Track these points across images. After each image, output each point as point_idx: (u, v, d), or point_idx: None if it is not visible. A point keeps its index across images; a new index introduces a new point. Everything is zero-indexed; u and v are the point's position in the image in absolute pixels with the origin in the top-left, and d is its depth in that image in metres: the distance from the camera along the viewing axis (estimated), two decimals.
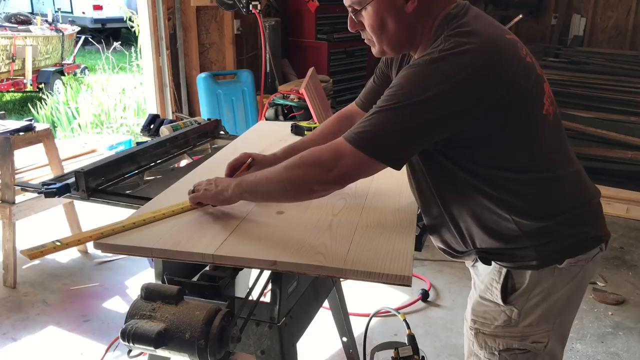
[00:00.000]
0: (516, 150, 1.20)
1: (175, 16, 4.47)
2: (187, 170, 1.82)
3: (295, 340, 1.38)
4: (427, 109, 1.10)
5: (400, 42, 1.25)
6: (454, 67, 1.09)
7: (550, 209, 1.24)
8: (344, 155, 1.15)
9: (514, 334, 1.32)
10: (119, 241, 1.25)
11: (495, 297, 1.32)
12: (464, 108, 1.11)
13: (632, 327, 2.73)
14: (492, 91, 1.11)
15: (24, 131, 2.92)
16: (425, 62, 1.11)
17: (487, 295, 1.35)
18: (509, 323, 1.32)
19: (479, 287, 1.39)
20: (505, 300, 1.30)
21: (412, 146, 1.16)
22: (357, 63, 5.40)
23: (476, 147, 1.18)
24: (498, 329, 1.33)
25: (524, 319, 1.31)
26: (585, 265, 1.30)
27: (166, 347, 1.08)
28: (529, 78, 1.18)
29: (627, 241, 3.66)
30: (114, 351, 2.51)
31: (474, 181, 1.22)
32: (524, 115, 1.18)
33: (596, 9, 6.08)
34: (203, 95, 4.40)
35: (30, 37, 8.00)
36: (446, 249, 1.43)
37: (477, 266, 1.39)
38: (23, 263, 3.23)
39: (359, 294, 2.85)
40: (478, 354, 1.37)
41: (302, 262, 1.15)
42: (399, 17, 1.20)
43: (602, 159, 4.37)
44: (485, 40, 1.12)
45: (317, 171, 1.18)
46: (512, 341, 1.32)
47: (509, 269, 1.29)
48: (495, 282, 1.31)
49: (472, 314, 1.38)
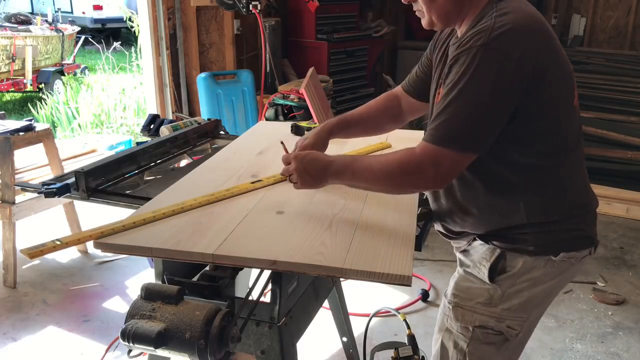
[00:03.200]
0: (548, 134, 1.22)
1: (175, 16, 4.47)
2: (187, 170, 1.82)
3: (295, 340, 1.38)
4: (499, 89, 1.12)
5: (449, 14, 1.25)
6: (511, 44, 1.11)
7: (561, 205, 1.28)
8: (441, 159, 1.16)
9: (492, 314, 1.34)
10: (119, 241, 1.25)
11: (482, 275, 1.34)
12: (525, 83, 1.13)
13: (632, 327, 2.73)
14: (545, 66, 1.15)
15: (24, 131, 2.92)
16: (482, 44, 1.12)
17: (475, 271, 1.37)
18: (490, 303, 1.34)
19: (466, 265, 1.41)
20: (492, 279, 1.33)
21: (496, 128, 1.17)
22: (357, 63, 5.40)
23: (514, 127, 1.19)
24: (478, 306, 1.35)
25: (505, 301, 1.33)
26: (574, 264, 1.34)
27: (166, 347, 1.08)
28: (568, 62, 1.23)
29: (627, 241, 3.66)
30: (114, 351, 2.51)
31: (497, 165, 1.25)
32: (562, 98, 1.22)
33: (596, 9, 6.08)
34: (203, 95, 4.40)
35: (30, 37, 8.00)
36: (443, 231, 1.46)
37: (469, 249, 1.41)
38: (23, 263, 3.23)
39: (359, 294, 2.85)
40: (451, 328, 1.39)
41: (302, 262, 1.15)
42: None
43: (602, 159, 4.37)
44: (535, 19, 1.17)
45: (418, 179, 1.21)
46: (489, 320, 1.34)
47: (505, 250, 1.32)
48: (486, 260, 1.34)
49: (454, 289, 1.41)
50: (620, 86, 5.07)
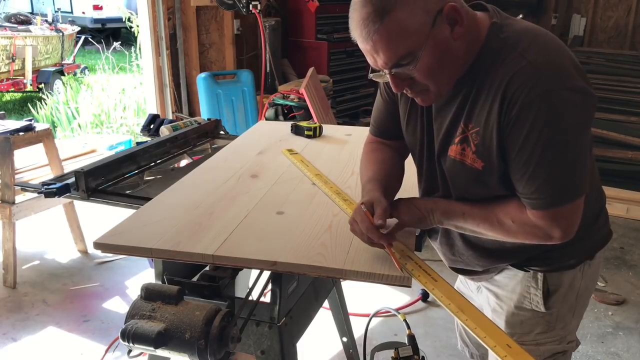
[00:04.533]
0: None
1: (175, 16, 4.47)
2: (187, 170, 1.82)
3: (295, 340, 1.38)
4: (579, 124, 1.07)
5: (458, 73, 1.11)
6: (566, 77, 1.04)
7: (592, 203, 1.25)
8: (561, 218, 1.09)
9: (554, 338, 1.31)
10: (119, 241, 1.25)
11: (535, 305, 1.29)
12: None
13: (632, 327, 2.73)
14: None
15: (24, 131, 2.92)
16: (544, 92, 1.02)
17: (525, 304, 1.31)
18: (549, 328, 1.30)
19: (507, 297, 1.34)
20: (546, 305, 1.28)
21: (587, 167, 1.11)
22: (357, 63, 5.40)
23: None
24: (539, 336, 1.31)
25: (561, 320, 1.30)
26: (601, 258, 1.34)
27: (166, 347, 1.08)
28: None
29: (627, 241, 3.65)
30: (113, 351, 2.50)
31: None
32: None
33: (596, 9, 6.08)
34: (203, 95, 4.40)
35: (30, 37, 7.99)
36: (465, 269, 1.40)
37: (497, 278, 1.36)
38: (23, 263, 3.23)
39: (359, 294, 2.85)
40: None
41: (302, 263, 1.15)
42: (450, 47, 1.06)
43: (602, 159, 4.36)
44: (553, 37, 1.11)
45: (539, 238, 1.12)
46: (554, 346, 1.31)
47: (545, 272, 1.27)
48: (534, 288, 1.29)
49: (508, 328, 1.33)
50: (620, 86, 5.07)
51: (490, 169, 1.12)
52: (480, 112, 1.10)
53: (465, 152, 1.14)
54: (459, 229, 1.23)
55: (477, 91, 1.10)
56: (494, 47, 1.08)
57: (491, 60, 1.08)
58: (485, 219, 1.15)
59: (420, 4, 1.01)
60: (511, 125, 1.04)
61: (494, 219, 1.14)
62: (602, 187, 1.35)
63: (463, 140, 1.14)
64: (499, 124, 1.06)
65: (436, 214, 1.21)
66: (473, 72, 1.10)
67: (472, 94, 1.11)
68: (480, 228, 1.17)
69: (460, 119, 1.14)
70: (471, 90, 1.11)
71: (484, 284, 1.43)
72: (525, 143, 1.04)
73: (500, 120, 1.06)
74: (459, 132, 1.15)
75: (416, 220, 1.23)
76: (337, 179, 1.61)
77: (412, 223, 1.23)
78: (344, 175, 1.66)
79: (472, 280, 1.47)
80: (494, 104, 1.06)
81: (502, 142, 1.08)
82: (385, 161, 1.37)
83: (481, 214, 1.16)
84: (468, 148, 1.13)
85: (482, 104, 1.09)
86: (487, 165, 1.12)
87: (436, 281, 1.12)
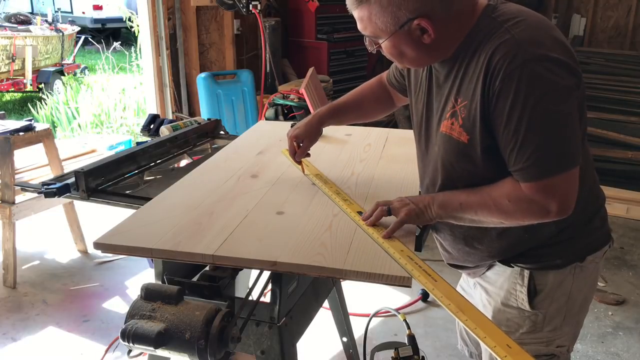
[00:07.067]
0: None
1: (175, 16, 4.47)
2: (187, 170, 1.82)
3: (295, 340, 1.38)
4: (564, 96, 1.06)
5: (423, 63, 1.24)
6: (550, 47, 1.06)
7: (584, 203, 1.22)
8: (555, 188, 1.08)
9: (540, 339, 1.30)
10: (119, 241, 1.25)
11: (521, 303, 1.29)
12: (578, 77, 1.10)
13: (632, 327, 2.73)
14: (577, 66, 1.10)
15: (24, 131, 2.92)
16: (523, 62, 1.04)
17: (511, 301, 1.31)
18: (534, 329, 1.30)
19: (495, 294, 1.35)
20: (531, 303, 1.28)
21: (577, 137, 1.10)
22: (357, 63, 5.40)
23: None
24: (524, 336, 1.30)
25: (549, 322, 1.29)
26: (598, 262, 1.31)
27: (166, 347, 1.08)
28: None
29: (627, 241, 3.65)
30: (113, 351, 2.50)
31: None
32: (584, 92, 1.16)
33: (596, 9, 6.08)
34: (203, 95, 4.40)
35: (30, 37, 7.99)
36: (458, 264, 1.42)
37: (488, 274, 1.37)
38: (23, 263, 3.23)
39: (359, 294, 2.85)
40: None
41: (302, 263, 1.15)
42: (418, 46, 1.14)
43: (602, 159, 4.37)
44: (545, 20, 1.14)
45: (536, 214, 1.12)
46: (539, 347, 1.30)
47: (532, 270, 1.27)
48: (519, 285, 1.28)
49: None
50: (620, 86, 5.07)
51: (474, 142, 1.14)
52: (469, 86, 1.13)
53: (453, 126, 1.17)
54: (458, 220, 1.24)
55: (466, 67, 1.14)
56: (485, 25, 1.12)
57: (481, 38, 1.12)
58: (482, 205, 1.16)
59: (392, 9, 1.10)
60: (496, 97, 1.08)
61: (490, 202, 1.15)
62: (600, 189, 1.33)
63: (452, 115, 1.17)
64: (482, 96, 1.10)
65: (434, 207, 1.23)
66: (464, 50, 1.14)
67: (462, 70, 1.15)
68: (479, 215, 1.18)
69: (452, 95, 1.18)
70: (461, 66, 1.15)
71: (477, 279, 1.44)
72: (510, 114, 1.06)
73: (484, 92, 1.09)
74: (450, 107, 1.19)
75: (414, 216, 1.24)
76: (337, 179, 1.61)
77: (411, 220, 1.25)
78: (344, 175, 1.66)
79: (468, 276, 1.48)
80: (480, 77, 1.10)
81: (486, 114, 1.10)
82: (366, 93, 1.59)
83: (478, 200, 1.17)
84: (456, 122, 1.16)
85: (470, 78, 1.13)
86: (471, 138, 1.14)
87: (436, 281, 1.12)
